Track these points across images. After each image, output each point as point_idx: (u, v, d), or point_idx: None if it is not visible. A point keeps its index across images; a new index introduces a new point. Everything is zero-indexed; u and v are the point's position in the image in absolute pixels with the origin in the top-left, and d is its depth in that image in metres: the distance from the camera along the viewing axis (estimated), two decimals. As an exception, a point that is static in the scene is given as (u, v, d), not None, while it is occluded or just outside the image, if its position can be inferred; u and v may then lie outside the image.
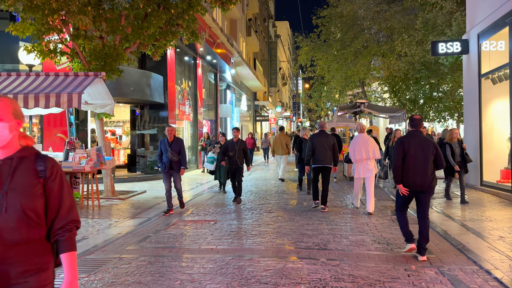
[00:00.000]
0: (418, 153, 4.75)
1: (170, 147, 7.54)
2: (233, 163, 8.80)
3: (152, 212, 7.97)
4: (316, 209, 7.96)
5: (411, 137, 4.87)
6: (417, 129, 4.94)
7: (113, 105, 9.24)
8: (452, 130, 8.47)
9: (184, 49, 16.20)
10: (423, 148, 4.76)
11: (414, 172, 4.75)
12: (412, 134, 4.90)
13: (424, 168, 4.74)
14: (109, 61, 9.38)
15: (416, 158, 4.74)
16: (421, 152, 4.74)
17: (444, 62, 12.14)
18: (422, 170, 4.73)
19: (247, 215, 7.50)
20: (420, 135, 4.90)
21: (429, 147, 4.77)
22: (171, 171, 7.69)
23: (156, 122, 14.08)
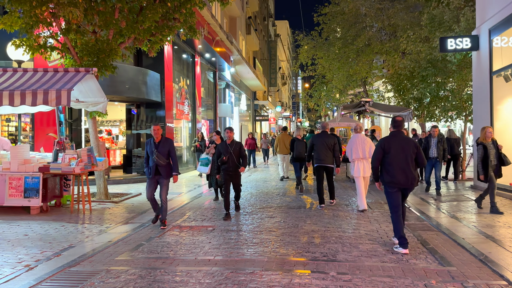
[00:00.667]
0: (399, 153, 5.05)
1: (156, 148, 6.44)
2: (228, 170, 7.25)
3: (147, 216, 7.48)
4: (321, 214, 7.48)
5: (392, 137, 5.18)
6: (399, 130, 5.25)
7: (106, 103, 8.77)
8: (485, 128, 7.35)
9: (182, 46, 15.72)
10: (403, 147, 5.06)
11: (398, 171, 5.03)
12: (394, 135, 5.22)
13: (406, 167, 5.03)
14: (102, 57, 8.90)
15: (398, 157, 5.05)
16: (402, 151, 5.05)
17: (452, 59, 11.67)
18: (405, 169, 5.02)
19: (248, 221, 7.02)
20: (401, 136, 5.18)
21: (410, 146, 5.08)
22: (158, 177, 6.53)
23: (153, 122, 13.59)
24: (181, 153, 16.69)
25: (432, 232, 6.13)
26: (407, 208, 8.03)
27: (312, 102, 27.31)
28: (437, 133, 9.43)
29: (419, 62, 13.01)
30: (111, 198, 9.47)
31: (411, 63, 12.99)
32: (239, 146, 7.37)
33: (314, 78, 25.60)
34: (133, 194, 9.88)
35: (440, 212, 7.59)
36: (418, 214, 7.42)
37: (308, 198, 9.39)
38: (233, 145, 7.33)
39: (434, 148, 9.45)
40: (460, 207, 8.05)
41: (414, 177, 5.04)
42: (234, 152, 7.27)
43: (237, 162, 7.31)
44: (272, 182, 12.70)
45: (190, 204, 8.79)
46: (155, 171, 6.49)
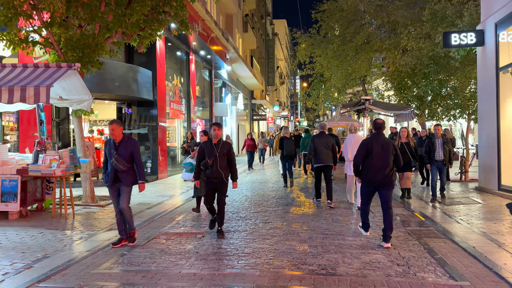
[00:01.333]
0: (379, 153, 5.36)
1: (116, 150, 5.31)
2: (212, 175, 5.79)
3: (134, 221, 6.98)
4: (319, 219, 7.00)
5: (374, 138, 5.46)
6: (379, 132, 5.57)
7: (91, 101, 8.28)
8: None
9: (176, 43, 15.23)
10: (383, 148, 5.37)
11: (376, 170, 5.34)
12: (375, 136, 5.50)
13: (384, 166, 5.34)
14: (87, 52, 8.40)
15: (377, 157, 5.35)
16: (381, 152, 5.36)
17: (456, 55, 11.20)
18: (382, 168, 5.34)
19: (240, 226, 6.53)
20: (382, 137, 5.48)
21: (389, 147, 5.40)
22: (119, 185, 5.41)
23: (145, 121, 13.09)
24: (175, 153, 16.20)
25: (439, 240, 5.66)
26: (410, 213, 7.56)
27: (310, 101, 26.79)
28: (440, 132, 8.59)
29: (421, 59, 12.55)
30: (98, 201, 8.98)
31: (413, 60, 12.51)
32: (227, 148, 5.88)
33: (312, 77, 25.14)
34: (122, 197, 9.36)
35: (446, 217, 7.12)
36: (423, 219, 6.95)
37: (307, 202, 8.91)
38: (220, 146, 5.82)
39: (440, 150, 8.48)
40: (467, 211, 7.58)
41: (390, 176, 5.39)
42: (221, 155, 5.78)
43: (223, 168, 5.80)
44: (269, 183, 12.22)
45: (182, 208, 8.30)
46: (113, 177, 5.36)
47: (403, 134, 8.78)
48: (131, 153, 5.38)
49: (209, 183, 5.92)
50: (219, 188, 5.88)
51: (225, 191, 5.97)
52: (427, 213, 7.46)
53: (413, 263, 4.66)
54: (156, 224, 6.79)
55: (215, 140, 5.88)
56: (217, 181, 5.83)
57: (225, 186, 5.92)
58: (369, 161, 5.39)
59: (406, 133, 8.80)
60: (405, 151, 8.50)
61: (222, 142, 5.90)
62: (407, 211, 7.75)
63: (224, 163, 5.85)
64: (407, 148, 8.59)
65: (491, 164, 9.56)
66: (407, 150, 8.55)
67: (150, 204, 8.61)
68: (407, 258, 4.82)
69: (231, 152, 5.98)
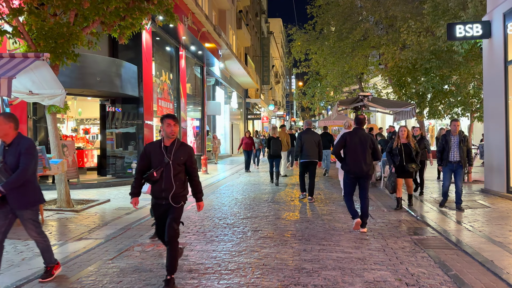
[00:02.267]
0: (358, 147, 5.87)
1: (3, 157, 3.84)
2: (160, 195, 3.87)
3: (108, 229, 6.27)
4: (314, 226, 6.31)
5: (354, 133, 6.00)
6: (360, 127, 6.10)
7: (64, 95, 7.52)
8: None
9: (164, 37, 14.49)
10: (362, 143, 5.89)
11: (355, 162, 5.87)
12: (355, 131, 6.05)
13: (362, 159, 5.86)
14: (61, 42, 7.66)
15: (356, 151, 5.88)
16: (360, 146, 5.87)
17: (459, 49, 10.56)
18: (360, 161, 5.86)
19: (227, 236, 5.82)
20: (361, 132, 6.02)
21: (367, 142, 5.92)
22: (11, 207, 3.87)
23: (130, 119, 12.34)
24: (164, 153, 15.45)
25: (450, 251, 4.99)
26: (415, 219, 6.89)
27: (306, 99, 26.11)
28: (458, 129, 7.34)
29: (422, 54, 11.90)
30: (74, 205, 8.23)
31: (413, 55, 11.86)
32: (186, 153, 3.88)
33: (308, 75, 24.47)
34: (100, 201, 8.63)
35: (454, 223, 6.46)
36: (431, 227, 6.27)
37: (302, 208, 8.21)
38: (174, 150, 3.82)
39: (456, 150, 7.24)
40: (475, 216, 6.92)
41: (369, 169, 5.92)
42: (175, 164, 3.81)
43: (178, 185, 3.83)
44: (262, 185, 11.51)
45: (164, 213, 7.57)
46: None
47: (403, 134, 7.54)
48: (18, 158, 3.80)
49: (156, 207, 3.96)
50: (171, 213, 3.85)
51: (178, 217, 3.88)
52: (433, 218, 6.79)
53: (425, 282, 3.97)
54: (133, 233, 6.07)
55: (167, 141, 3.86)
56: (167, 202, 3.84)
57: (178, 210, 3.88)
58: (349, 153, 5.95)
59: (406, 132, 7.57)
60: (405, 154, 7.45)
61: (179, 144, 3.89)
62: (411, 216, 7.08)
63: (179, 175, 3.84)
64: (405, 150, 7.46)
65: (499, 165, 8.92)
66: (407, 153, 7.46)
67: (130, 209, 7.88)
68: (417, 276, 4.14)
69: (192, 160, 3.92)
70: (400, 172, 7.54)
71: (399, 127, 7.87)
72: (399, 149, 7.50)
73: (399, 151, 7.49)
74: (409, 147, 7.50)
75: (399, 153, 7.49)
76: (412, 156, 7.49)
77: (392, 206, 7.88)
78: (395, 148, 7.61)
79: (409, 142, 7.55)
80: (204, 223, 6.64)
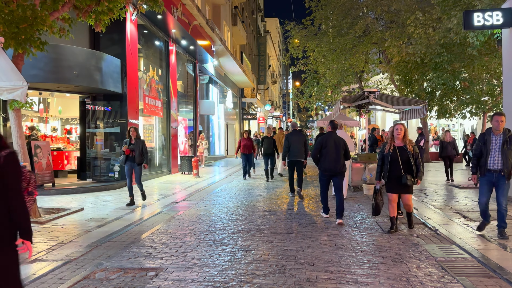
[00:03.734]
0: (332, 148, 6.57)
1: None
2: None
3: (70, 248, 5.22)
4: (318, 244, 5.28)
5: (329, 136, 6.71)
6: (334, 131, 6.83)
7: (26, 88, 6.47)
8: None
9: (153, 30, 13.44)
10: (336, 144, 6.60)
11: (329, 161, 6.57)
12: (329, 134, 6.76)
13: (336, 159, 6.58)
14: (24, 27, 6.60)
15: (330, 151, 6.56)
16: (334, 147, 6.58)
17: (474, 41, 9.59)
18: (335, 160, 6.57)
19: (212, 258, 4.78)
20: (335, 135, 6.73)
21: (340, 144, 6.63)
22: None
23: (113, 118, 11.27)
24: (153, 155, 14.39)
25: (490, 281, 3.99)
26: (435, 233, 5.87)
27: (304, 99, 25.11)
28: (502, 126, 5.37)
29: (431, 47, 10.94)
30: (41, 215, 7.17)
31: (422, 48, 10.89)
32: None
33: (306, 73, 23.51)
34: (72, 210, 7.57)
35: (486, 240, 5.45)
36: (456, 244, 5.26)
37: (302, 219, 7.19)
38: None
39: (497, 154, 5.35)
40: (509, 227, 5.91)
41: (341, 166, 6.59)
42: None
43: None
44: (256, 190, 10.48)
45: (143, 225, 6.53)
46: None
47: (398, 134, 5.71)
48: None
49: None
50: None
51: None
52: (457, 233, 5.79)
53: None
54: (99, 252, 5.02)
55: None
56: None
57: None
58: (324, 154, 6.61)
59: (403, 132, 5.72)
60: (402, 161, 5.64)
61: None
62: (429, 230, 6.08)
63: None
64: (402, 156, 5.65)
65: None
66: (404, 159, 5.65)
67: (104, 220, 6.83)
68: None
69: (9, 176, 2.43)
70: (394, 185, 5.71)
71: (393, 125, 6.01)
72: (393, 155, 5.68)
73: (393, 157, 5.68)
74: (406, 152, 5.68)
75: (393, 160, 5.67)
76: (410, 164, 5.66)
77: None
78: (387, 153, 5.75)
79: (406, 145, 5.71)
80: (187, 239, 5.60)
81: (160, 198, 9.27)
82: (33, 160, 9.50)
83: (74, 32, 10.89)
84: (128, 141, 8.20)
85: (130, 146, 8.14)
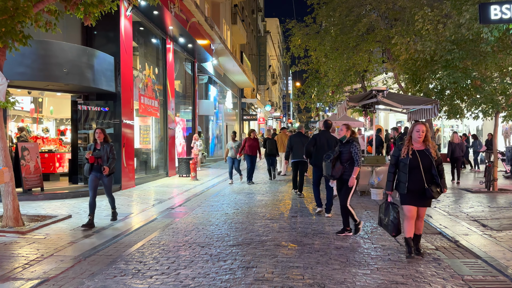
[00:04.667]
0: (325, 146, 7.19)
1: None
2: None
3: (50, 263, 4.66)
4: (328, 259, 4.72)
5: (322, 135, 7.45)
6: (327, 130, 7.52)
7: (5, 86, 5.97)
8: None
9: (149, 27, 12.89)
10: (328, 142, 7.24)
11: (321, 158, 6.55)
12: (322, 133, 7.49)
13: None
14: (4, 19, 6.07)
15: (323, 149, 7.09)
16: (326, 144, 7.22)
17: (488, 37, 9.02)
18: None
19: (207, 277, 4.21)
20: (328, 134, 7.47)
21: (332, 142, 7.09)
22: None
23: (107, 118, 10.71)
24: (149, 156, 13.84)
25: None
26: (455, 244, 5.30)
27: (305, 99, 24.54)
28: None
29: (441, 44, 10.37)
30: (25, 223, 6.62)
31: (432, 45, 10.33)
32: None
33: (307, 73, 22.96)
34: (59, 218, 7.00)
35: (509, 252, 4.88)
36: (482, 259, 4.69)
37: (305, 222, 6.62)
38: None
39: None
40: (533, 241, 5.36)
41: None
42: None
43: None
44: (257, 195, 9.92)
45: (135, 235, 5.97)
46: None
47: (419, 136, 4.66)
48: None
49: None
50: None
51: None
52: (478, 245, 5.22)
53: None
54: (82, 269, 4.46)
55: None
56: None
57: None
58: (317, 151, 7.20)
59: (425, 133, 4.67)
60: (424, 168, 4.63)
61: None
62: (449, 241, 5.52)
63: None
64: (423, 162, 4.63)
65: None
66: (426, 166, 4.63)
67: (92, 229, 6.27)
68: None
69: None
70: (413, 197, 4.66)
71: (412, 125, 4.86)
72: (412, 161, 4.63)
73: (412, 163, 4.63)
74: (429, 157, 4.64)
75: (413, 167, 4.63)
76: (433, 172, 4.63)
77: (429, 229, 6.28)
78: (404, 158, 4.69)
79: (428, 148, 4.69)
80: (181, 252, 5.04)
81: (155, 203, 8.71)
82: (20, 163, 8.95)
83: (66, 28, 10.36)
84: (93, 145, 6.59)
85: (95, 152, 6.49)
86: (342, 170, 5.81)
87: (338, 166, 5.81)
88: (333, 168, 5.82)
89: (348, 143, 5.87)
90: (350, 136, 5.93)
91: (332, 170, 5.84)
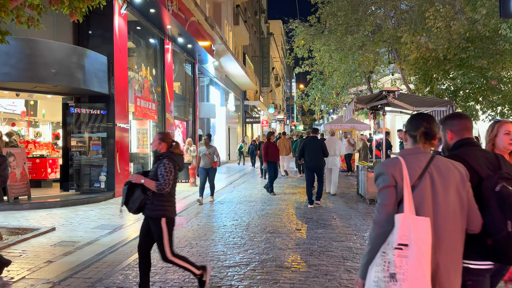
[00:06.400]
0: (313, 148, 8.62)
1: None
2: None
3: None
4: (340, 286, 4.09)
5: (311, 139, 8.84)
6: (315, 135, 8.95)
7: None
8: None
9: (146, 26, 12.34)
10: (315, 145, 8.66)
11: (311, 159, 8.64)
12: (312, 138, 8.87)
13: (316, 157, 8.67)
14: (-22, 14, 5.51)
15: (312, 151, 8.62)
16: (314, 148, 8.64)
17: (507, 33, 8.38)
18: (316, 158, 8.67)
19: (198, 307, 3.59)
20: (315, 138, 8.88)
21: (320, 146, 8.66)
22: None
23: (99, 121, 10.13)
24: (146, 161, 13.27)
25: None
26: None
27: (309, 101, 23.91)
28: None
29: (454, 42, 9.74)
30: (4, 237, 6.03)
31: (445, 43, 9.69)
32: None
33: (311, 74, 22.35)
34: (41, 231, 6.41)
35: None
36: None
37: (310, 236, 5.98)
38: None
39: None
40: None
41: (321, 164, 8.80)
42: None
43: None
44: (258, 203, 9.28)
45: (120, 252, 5.35)
46: None
47: (505, 141, 2.67)
48: None
49: None
50: None
51: None
52: None
53: None
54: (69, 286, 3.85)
55: None
56: None
57: None
58: (308, 154, 8.67)
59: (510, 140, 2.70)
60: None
61: None
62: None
63: None
64: None
65: None
66: None
67: (74, 245, 5.67)
68: None
69: None
70: None
71: (492, 124, 2.78)
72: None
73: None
74: None
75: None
76: None
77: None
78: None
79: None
80: (169, 276, 4.42)
81: (149, 213, 8.09)
82: (5, 170, 8.37)
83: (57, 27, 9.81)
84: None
85: None
86: (142, 200, 3.79)
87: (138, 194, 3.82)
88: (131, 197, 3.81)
89: (159, 159, 3.88)
90: (167, 150, 3.94)
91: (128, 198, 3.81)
